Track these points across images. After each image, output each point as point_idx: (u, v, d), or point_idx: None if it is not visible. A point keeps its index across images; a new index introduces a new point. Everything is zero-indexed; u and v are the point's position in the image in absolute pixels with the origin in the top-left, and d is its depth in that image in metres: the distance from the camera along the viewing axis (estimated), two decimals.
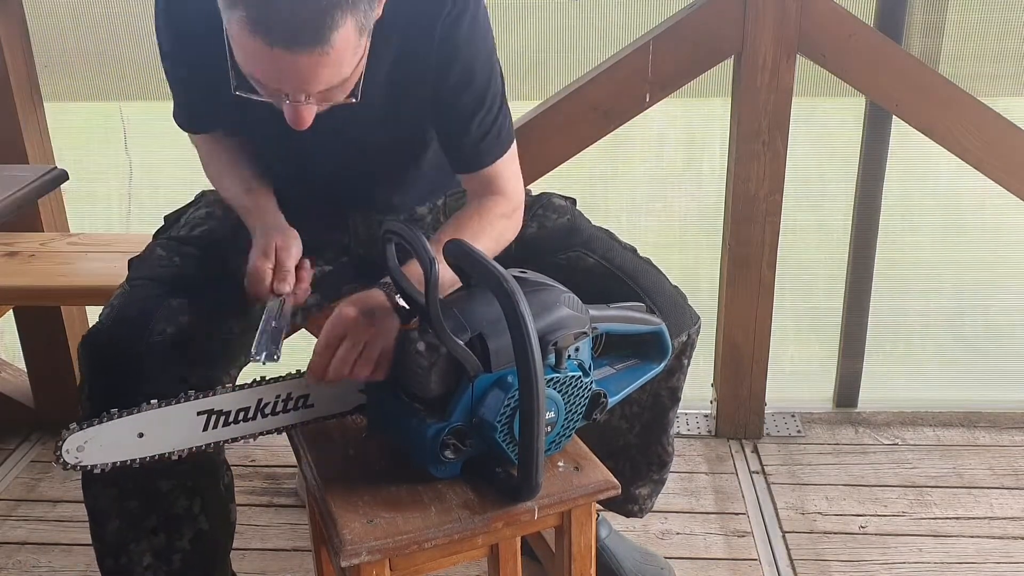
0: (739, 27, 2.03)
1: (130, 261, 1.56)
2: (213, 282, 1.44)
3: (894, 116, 2.18)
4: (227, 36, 1.18)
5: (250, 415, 1.24)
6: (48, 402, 2.40)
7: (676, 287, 1.56)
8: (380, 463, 1.29)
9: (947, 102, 2.10)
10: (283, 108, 1.23)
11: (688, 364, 1.58)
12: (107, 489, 1.36)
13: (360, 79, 1.25)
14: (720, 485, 2.20)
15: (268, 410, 1.25)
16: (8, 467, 2.27)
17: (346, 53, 1.17)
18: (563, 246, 1.58)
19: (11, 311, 2.29)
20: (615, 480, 1.28)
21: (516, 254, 1.54)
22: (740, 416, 2.36)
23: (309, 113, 1.23)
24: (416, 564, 1.23)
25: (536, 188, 1.82)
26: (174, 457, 1.21)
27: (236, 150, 1.57)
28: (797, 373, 2.58)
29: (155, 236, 1.62)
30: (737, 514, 2.10)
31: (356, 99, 1.26)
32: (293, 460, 1.38)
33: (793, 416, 2.44)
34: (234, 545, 1.53)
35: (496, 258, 1.25)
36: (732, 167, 2.16)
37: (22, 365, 2.44)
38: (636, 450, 1.64)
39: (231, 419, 1.23)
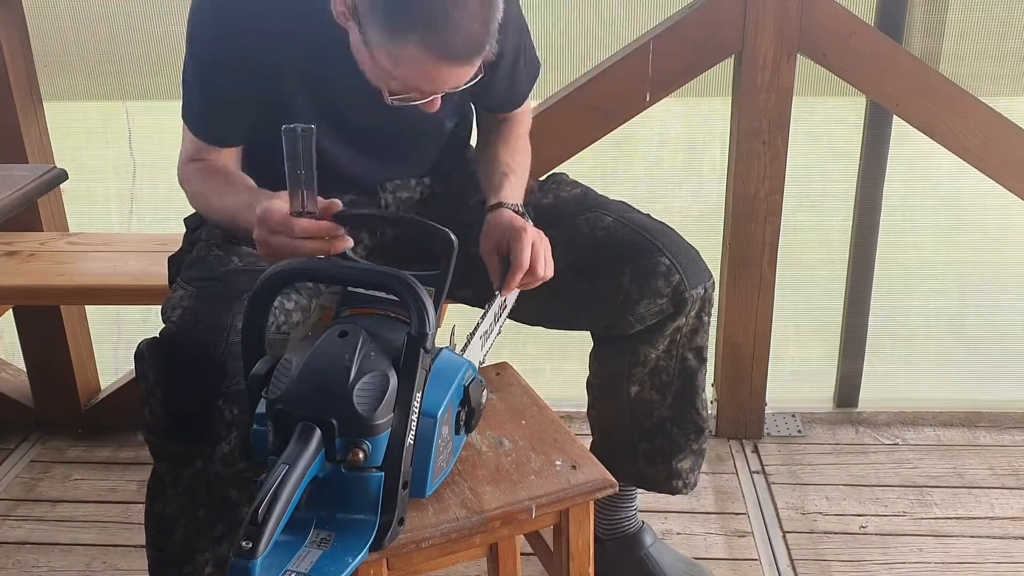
0: (739, 26, 2.03)
1: (173, 260, 1.54)
2: None
3: (895, 116, 2.18)
4: (375, 56, 1.28)
5: None
6: (47, 402, 2.40)
7: (691, 244, 1.59)
8: None
9: (948, 102, 2.09)
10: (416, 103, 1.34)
11: (708, 321, 1.60)
12: (178, 497, 1.35)
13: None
14: (720, 485, 2.20)
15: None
16: (8, 467, 2.27)
17: None
18: (581, 209, 1.63)
19: (11, 311, 2.29)
20: (612, 478, 1.28)
21: (534, 220, 1.58)
22: (740, 416, 2.36)
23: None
24: (414, 564, 1.23)
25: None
26: None
27: (230, 172, 1.52)
28: (797, 373, 2.57)
29: (187, 238, 1.62)
30: (737, 514, 2.10)
31: (483, 75, 1.35)
32: None
33: (793, 416, 2.44)
34: None
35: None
36: (732, 167, 2.16)
37: (21, 365, 2.44)
38: (671, 423, 1.65)
39: None
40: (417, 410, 1.10)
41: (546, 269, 1.42)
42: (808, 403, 2.49)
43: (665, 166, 2.45)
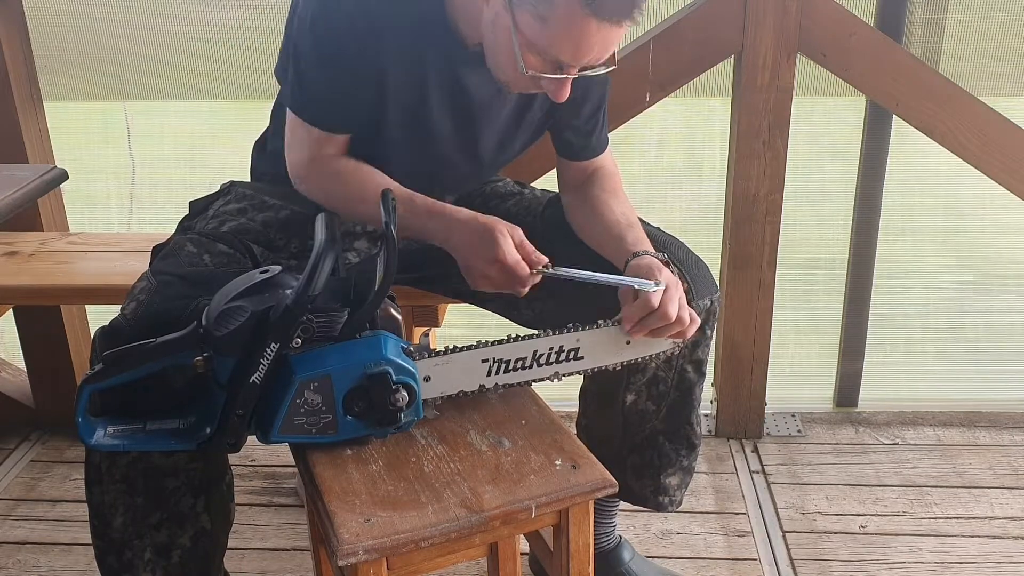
0: (739, 27, 2.03)
1: (155, 249, 1.55)
2: None
3: (894, 115, 2.18)
4: (519, 22, 1.30)
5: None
6: (48, 402, 2.40)
7: (700, 258, 1.60)
8: (378, 462, 1.29)
9: (947, 101, 2.09)
10: (545, 85, 1.36)
11: (711, 335, 1.59)
12: (114, 485, 1.37)
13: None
14: (720, 485, 2.20)
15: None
16: (8, 467, 2.27)
17: None
18: None
19: (11, 311, 2.29)
20: (612, 478, 1.28)
21: (543, 233, 1.59)
22: (740, 416, 2.36)
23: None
24: (414, 564, 1.23)
25: (537, 187, 1.82)
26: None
27: (371, 168, 1.53)
28: (797, 373, 2.57)
29: (180, 224, 1.62)
30: (737, 514, 2.10)
31: (614, 66, 1.37)
32: (293, 460, 1.38)
33: (793, 416, 2.44)
34: (234, 545, 1.53)
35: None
36: (732, 167, 2.16)
37: (22, 365, 2.44)
38: (663, 436, 1.65)
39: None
40: (271, 356, 1.21)
41: (681, 312, 1.38)
42: (808, 403, 2.49)
43: (665, 166, 2.45)
